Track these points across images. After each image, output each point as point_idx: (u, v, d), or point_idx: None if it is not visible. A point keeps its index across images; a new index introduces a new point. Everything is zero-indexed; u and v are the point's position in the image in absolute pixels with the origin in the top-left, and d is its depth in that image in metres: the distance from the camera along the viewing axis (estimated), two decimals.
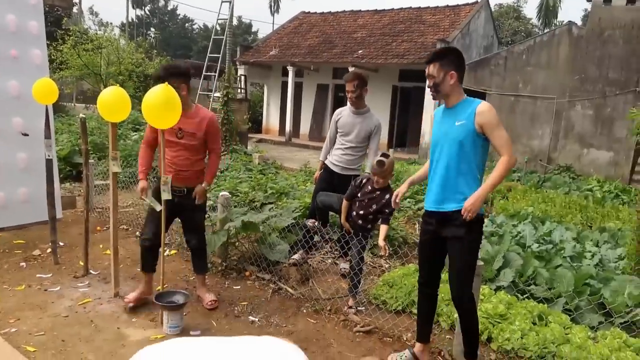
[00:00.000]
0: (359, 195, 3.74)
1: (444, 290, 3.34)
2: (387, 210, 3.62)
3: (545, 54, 12.75)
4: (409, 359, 2.98)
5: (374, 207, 3.65)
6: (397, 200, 2.94)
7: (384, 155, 3.64)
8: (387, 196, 3.58)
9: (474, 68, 13.83)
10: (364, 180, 3.77)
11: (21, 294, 3.63)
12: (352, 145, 4.31)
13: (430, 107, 14.79)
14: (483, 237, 3.50)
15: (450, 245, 2.72)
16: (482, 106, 2.63)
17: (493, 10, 29.91)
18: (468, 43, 16.82)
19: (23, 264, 4.24)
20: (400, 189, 2.96)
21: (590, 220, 7.04)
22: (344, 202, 3.83)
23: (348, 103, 4.40)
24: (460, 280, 2.71)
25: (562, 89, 12.31)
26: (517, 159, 2.88)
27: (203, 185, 3.54)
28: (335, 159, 4.39)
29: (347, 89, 4.30)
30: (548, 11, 29.02)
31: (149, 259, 3.59)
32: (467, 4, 18.11)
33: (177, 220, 3.81)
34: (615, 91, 11.28)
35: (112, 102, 3.37)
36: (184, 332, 3.22)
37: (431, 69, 2.70)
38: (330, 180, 4.39)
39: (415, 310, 3.63)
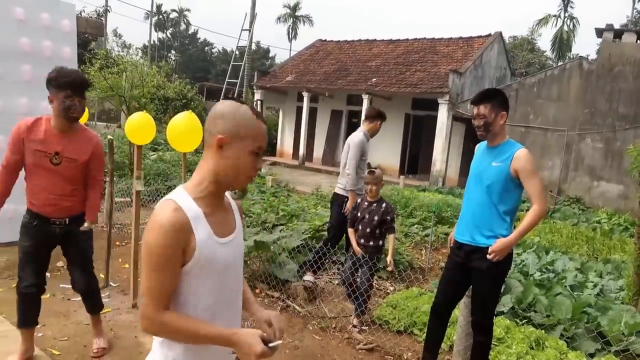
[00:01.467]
0: (358, 215, 3.95)
1: None
2: (388, 218, 3.86)
3: (556, 87, 12.98)
4: None
5: (376, 218, 3.86)
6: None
7: (373, 169, 4.01)
8: (384, 205, 3.90)
9: None
10: (358, 200, 4.05)
11: (46, 303, 3.86)
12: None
13: (442, 136, 15.04)
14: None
15: (475, 275, 2.89)
16: (521, 152, 2.78)
17: (507, 42, 30.37)
18: (481, 74, 17.14)
19: (47, 274, 4.49)
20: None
21: (596, 252, 7.13)
22: (349, 230, 4.05)
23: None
24: (484, 308, 2.89)
25: (572, 122, 12.48)
26: (548, 209, 3.09)
27: (86, 225, 3.10)
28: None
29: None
30: (562, 44, 29.38)
31: (33, 309, 3.01)
32: (481, 36, 18.50)
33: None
34: (625, 125, 11.41)
35: (140, 126, 3.67)
36: None
37: (482, 109, 2.83)
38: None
39: (416, 331, 3.80)
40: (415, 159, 17.78)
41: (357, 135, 4.54)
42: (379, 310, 4.14)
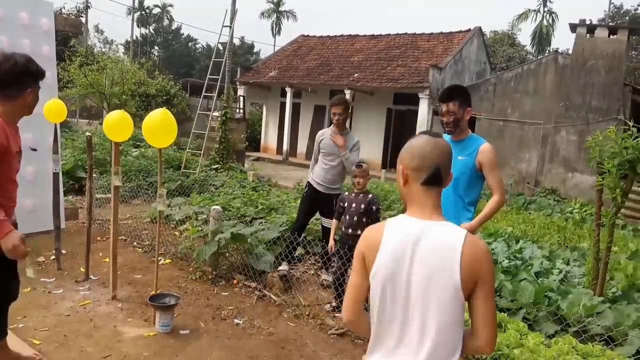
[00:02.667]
0: (344, 206, 4.10)
1: None
2: (374, 208, 4.01)
3: (533, 81, 13.28)
4: None
5: (362, 206, 4.00)
6: None
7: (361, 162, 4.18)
8: (370, 195, 4.06)
9: None
10: (344, 194, 4.23)
11: (27, 295, 3.97)
12: (334, 164, 4.69)
13: (422, 129, 15.23)
14: None
15: None
16: (485, 146, 2.98)
17: (488, 36, 30.76)
18: (460, 69, 17.40)
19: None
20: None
21: (567, 241, 7.41)
22: (334, 222, 4.25)
23: (332, 125, 4.80)
24: None
25: (548, 115, 12.80)
26: (506, 200, 3.29)
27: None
28: (320, 178, 4.76)
29: (333, 111, 4.71)
30: (542, 39, 29.86)
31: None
32: (461, 32, 18.77)
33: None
34: (598, 118, 11.75)
35: (117, 124, 3.78)
36: (174, 331, 3.57)
37: (451, 107, 2.99)
38: (315, 198, 4.77)
39: None
40: (397, 152, 17.97)
41: (355, 137, 4.86)
42: None
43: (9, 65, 2.33)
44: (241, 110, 15.57)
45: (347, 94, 16.92)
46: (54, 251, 4.71)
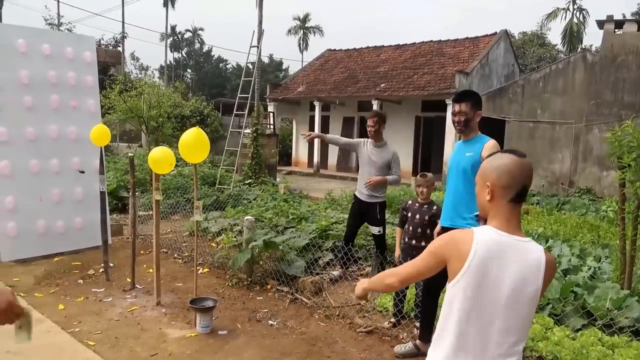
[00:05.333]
0: (408, 215, 4.09)
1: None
2: (437, 221, 3.82)
3: (562, 80, 13.14)
4: (411, 349, 3.52)
5: (426, 218, 3.98)
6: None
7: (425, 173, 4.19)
8: (435, 207, 4.00)
9: (493, 97, 14.30)
10: (408, 202, 4.19)
11: (81, 304, 4.37)
12: (373, 175, 4.89)
13: (451, 135, 15.28)
14: None
15: None
16: (490, 142, 3.20)
17: (517, 38, 30.39)
18: (488, 73, 17.35)
19: (80, 281, 5.01)
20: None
21: (600, 240, 7.32)
22: (397, 230, 4.27)
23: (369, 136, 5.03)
24: None
25: (579, 114, 12.62)
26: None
27: None
28: (362, 189, 4.99)
29: (367, 124, 4.98)
30: (572, 37, 29.25)
31: None
32: (487, 35, 18.73)
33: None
34: (631, 114, 11.49)
35: (160, 158, 4.07)
36: (213, 332, 3.85)
37: (463, 107, 3.24)
38: (359, 208, 5.03)
39: (413, 315, 4.15)
40: (427, 159, 18.02)
41: (392, 148, 5.12)
42: (380, 298, 4.50)
43: None
44: (271, 126, 16.02)
45: (375, 104, 17.14)
46: (102, 264, 5.12)
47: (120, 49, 26.82)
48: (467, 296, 1.49)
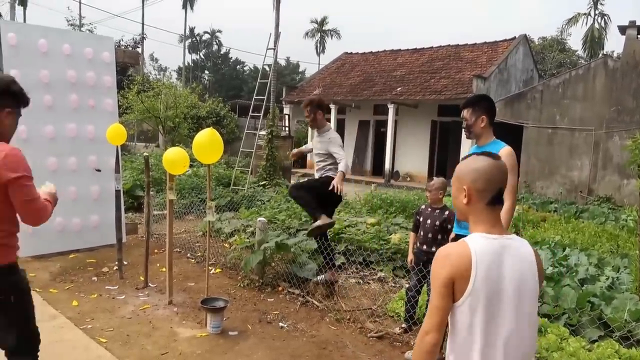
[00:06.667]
0: (421, 220, 4.03)
1: None
2: (450, 226, 3.84)
3: (582, 86, 12.93)
4: None
5: (437, 223, 3.92)
6: None
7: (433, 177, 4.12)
8: (447, 212, 3.94)
9: (511, 102, 14.13)
10: (421, 207, 4.14)
11: (94, 301, 4.41)
12: (319, 164, 4.86)
13: (468, 140, 15.13)
14: None
15: None
16: (505, 150, 3.11)
17: (537, 43, 30.02)
18: (506, 78, 17.17)
19: (95, 278, 5.06)
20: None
21: (619, 249, 7.16)
22: (411, 235, 4.19)
23: None
24: None
25: (599, 121, 12.40)
26: (516, 204, 3.35)
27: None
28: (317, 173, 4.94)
29: (305, 115, 4.86)
30: (593, 42, 28.78)
31: None
32: (505, 40, 18.54)
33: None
34: None
35: (175, 159, 4.09)
36: (224, 332, 3.86)
37: (465, 114, 3.24)
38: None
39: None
40: (443, 164, 17.89)
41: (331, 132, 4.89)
42: (392, 303, 4.46)
43: None
44: (287, 128, 16.07)
45: (391, 107, 17.08)
46: (116, 262, 5.17)
47: (139, 49, 27.20)
48: (482, 306, 1.48)
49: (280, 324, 4.12)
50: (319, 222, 4.49)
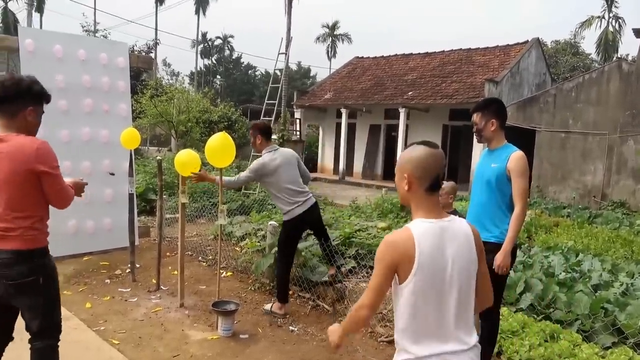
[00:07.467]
0: None
1: None
2: None
3: (595, 90, 12.79)
4: None
5: None
6: None
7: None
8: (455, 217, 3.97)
9: (523, 106, 14.02)
10: None
11: (107, 303, 4.47)
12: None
13: (479, 145, 15.04)
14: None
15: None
16: (516, 154, 3.11)
17: (549, 46, 29.79)
18: (518, 82, 17.05)
19: (107, 280, 5.12)
20: None
21: (634, 255, 7.07)
22: None
23: None
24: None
25: (613, 125, 12.26)
26: (527, 208, 3.33)
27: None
28: None
29: None
30: (607, 46, 28.47)
31: None
32: (518, 44, 18.42)
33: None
34: None
35: (186, 161, 4.12)
36: (234, 335, 3.88)
37: (475, 118, 3.25)
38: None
39: None
40: (455, 169, 17.79)
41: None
42: None
43: (13, 82, 2.38)
44: (298, 133, 16.11)
45: (402, 112, 17.04)
46: (129, 265, 5.22)
47: (152, 55, 27.54)
48: (427, 285, 1.60)
49: (291, 327, 4.13)
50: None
